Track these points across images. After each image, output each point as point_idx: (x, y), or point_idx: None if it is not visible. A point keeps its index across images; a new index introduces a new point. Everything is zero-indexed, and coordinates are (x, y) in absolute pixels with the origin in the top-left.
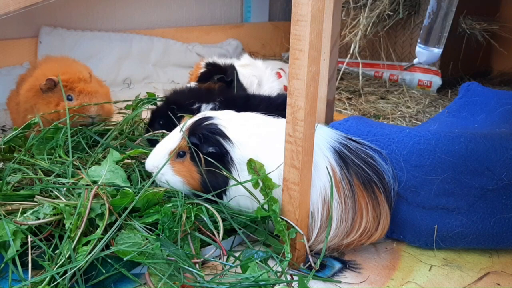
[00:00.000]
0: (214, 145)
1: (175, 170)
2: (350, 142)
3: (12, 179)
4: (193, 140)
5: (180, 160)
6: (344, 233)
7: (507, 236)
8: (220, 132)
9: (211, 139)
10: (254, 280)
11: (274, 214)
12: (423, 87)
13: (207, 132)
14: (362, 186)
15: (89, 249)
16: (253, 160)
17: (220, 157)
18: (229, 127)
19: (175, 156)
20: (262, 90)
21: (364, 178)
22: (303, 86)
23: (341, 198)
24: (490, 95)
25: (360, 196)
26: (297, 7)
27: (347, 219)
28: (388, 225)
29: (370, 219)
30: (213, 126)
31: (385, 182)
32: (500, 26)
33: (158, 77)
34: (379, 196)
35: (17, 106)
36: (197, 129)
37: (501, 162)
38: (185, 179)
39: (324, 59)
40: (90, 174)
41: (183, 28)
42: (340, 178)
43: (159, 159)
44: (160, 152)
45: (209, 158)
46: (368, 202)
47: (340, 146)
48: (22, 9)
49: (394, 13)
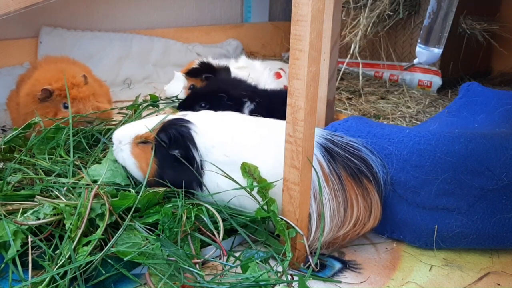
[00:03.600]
0: (180, 148)
1: (133, 153)
2: (335, 137)
3: (12, 179)
4: (163, 137)
5: (143, 145)
6: (338, 225)
7: (507, 236)
8: (190, 137)
9: (178, 142)
10: (255, 280)
11: (274, 215)
12: (423, 87)
13: (177, 134)
14: (350, 177)
15: (89, 250)
16: (246, 163)
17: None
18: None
19: (139, 142)
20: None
21: (352, 169)
22: (303, 86)
23: (332, 192)
24: (490, 95)
25: (350, 188)
26: (297, 7)
27: (340, 212)
28: (380, 213)
29: (361, 208)
30: (185, 130)
31: (374, 171)
32: (500, 26)
33: (158, 77)
34: (368, 185)
35: (18, 106)
36: (170, 127)
37: (501, 162)
38: (139, 163)
39: (324, 59)
40: (91, 173)
41: (183, 28)
42: (329, 173)
43: (125, 135)
44: (129, 130)
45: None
46: (357, 192)
47: (326, 141)
48: (22, 9)
49: (394, 13)
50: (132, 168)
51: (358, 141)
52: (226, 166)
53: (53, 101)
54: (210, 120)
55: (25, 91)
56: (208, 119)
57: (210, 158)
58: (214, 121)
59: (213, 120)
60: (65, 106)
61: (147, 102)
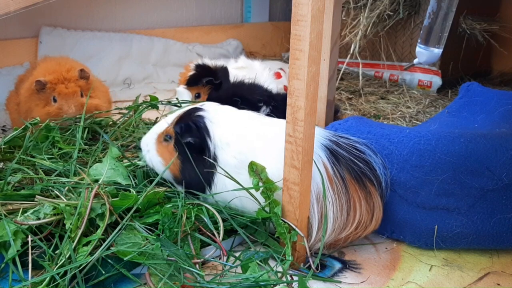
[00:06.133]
0: (193, 136)
1: (158, 151)
2: (340, 139)
3: (12, 179)
4: (176, 128)
5: (166, 143)
6: (341, 227)
7: (507, 236)
8: (203, 126)
9: (192, 130)
10: (255, 280)
11: (276, 217)
12: (423, 87)
13: (191, 123)
14: (354, 180)
15: (89, 250)
16: (255, 163)
17: (199, 150)
18: (217, 122)
19: (162, 139)
20: None
21: (356, 172)
22: (303, 86)
23: (335, 194)
24: (490, 95)
25: (353, 190)
26: (297, 7)
27: (342, 214)
28: (381, 216)
29: (364, 211)
30: (199, 119)
31: (377, 174)
32: (500, 26)
33: (158, 77)
34: (371, 189)
35: (17, 107)
36: (184, 118)
37: (501, 163)
38: (164, 161)
39: (324, 59)
40: (92, 173)
41: (183, 28)
42: (333, 175)
43: (150, 137)
44: (152, 132)
45: (187, 148)
46: (361, 195)
47: (331, 143)
48: (23, 9)
49: (394, 13)
50: (159, 167)
51: (362, 142)
52: (235, 166)
53: (45, 93)
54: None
55: (26, 86)
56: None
57: (222, 153)
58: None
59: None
60: (55, 100)
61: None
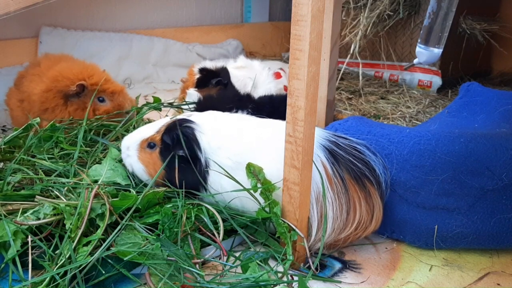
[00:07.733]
0: (184, 147)
1: (140, 158)
2: (339, 139)
3: (12, 179)
4: (166, 139)
5: (149, 150)
6: (340, 228)
7: (507, 236)
8: (193, 137)
9: (182, 142)
10: (255, 280)
11: (276, 217)
12: (423, 87)
13: (181, 134)
14: (354, 180)
15: (89, 250)
16: (252, 164)
17: (189, 161)
18: (205, 131)
19: (146, 145)
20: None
21: (355, 172)
22: (303, 86)
23: (335, 194)
24: (490, 95)
25: (353, 191)
26: (297, 7)
27: (342, 214)
28: (381, 216)
29: (363, 212)
30: (188, 130)
31: (376, 174)
32: (500, 26)
33: (158, 77)
34: (370, 189)
35: (21, 103)
36: (174, 129)
37: (501, 162)
38: (147, 169)
39: (324, 59)
40: (92, 173)
41: (183, 28)
42: (332, 175)
43: (132, 141)
44: (135, 136)
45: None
46: (360, 196)
47: (330, 144)
48: (23, 9)
49: (394, 13)
50: (141, 174)
51: (362, 143)
52: (231, 168)
53: (84, 97)
54: (215, 120)
55: (43, 88)
56: (213, 119)
57: (215, 159)
58: (219, 121)
59: (218, 120)
60: (100, 100)
61: (150, 105)
